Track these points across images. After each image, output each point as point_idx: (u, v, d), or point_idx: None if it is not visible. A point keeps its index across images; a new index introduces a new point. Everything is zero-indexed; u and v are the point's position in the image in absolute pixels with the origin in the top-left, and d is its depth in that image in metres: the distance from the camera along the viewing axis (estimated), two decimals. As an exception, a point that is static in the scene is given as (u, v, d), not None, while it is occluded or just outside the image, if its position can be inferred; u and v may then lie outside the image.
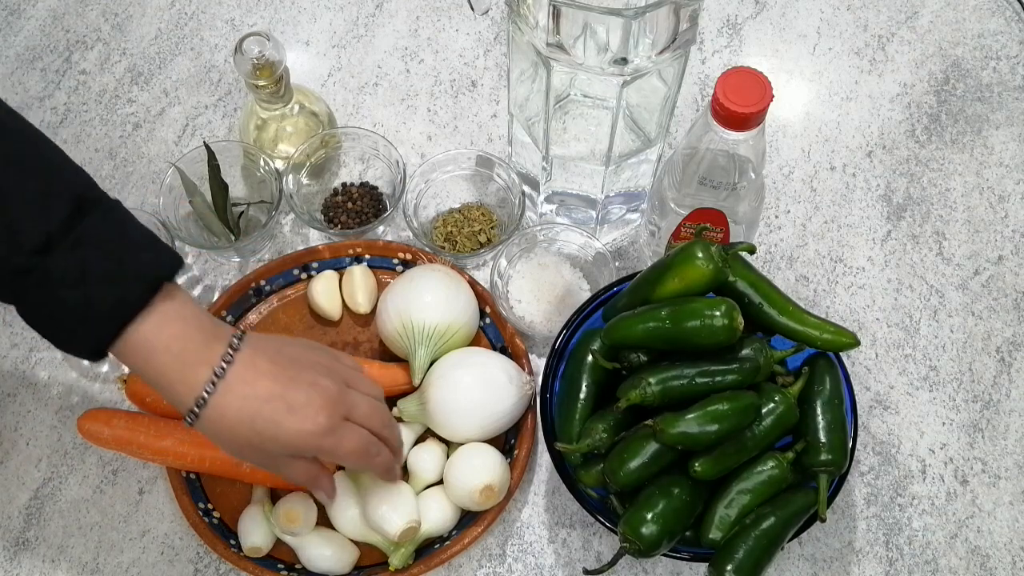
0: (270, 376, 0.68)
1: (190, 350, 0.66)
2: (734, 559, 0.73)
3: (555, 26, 0.72)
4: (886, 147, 1.03)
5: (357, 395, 0.73)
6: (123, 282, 0.64)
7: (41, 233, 0.62)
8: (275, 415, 0.67)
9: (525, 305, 0.92)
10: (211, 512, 0.85)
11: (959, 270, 0.97)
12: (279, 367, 0.69)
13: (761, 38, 1.09)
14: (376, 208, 0.98)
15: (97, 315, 0.64)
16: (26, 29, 1.09)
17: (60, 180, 0.65)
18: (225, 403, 0.67)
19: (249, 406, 0.67)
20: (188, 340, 0.66)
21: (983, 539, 0.86)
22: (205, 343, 0.67)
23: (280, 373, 0.68)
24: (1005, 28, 1.09)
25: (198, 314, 0.68)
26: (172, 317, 0.66)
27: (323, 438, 0.69)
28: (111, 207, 0.67)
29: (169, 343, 0.66)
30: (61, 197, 0.64)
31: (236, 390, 0.67)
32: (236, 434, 0.68)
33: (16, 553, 0.86)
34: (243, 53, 0.90)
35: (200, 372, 0.66)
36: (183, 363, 0.66)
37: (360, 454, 0.72)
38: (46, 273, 0.63)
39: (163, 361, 0.66)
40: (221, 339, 0.68)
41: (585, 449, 0.77)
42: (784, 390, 0.77)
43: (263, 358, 0.68)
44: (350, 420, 0.71)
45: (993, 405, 0.91)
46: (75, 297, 0.63)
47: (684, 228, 0.85)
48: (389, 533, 0.79)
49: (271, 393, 0.67)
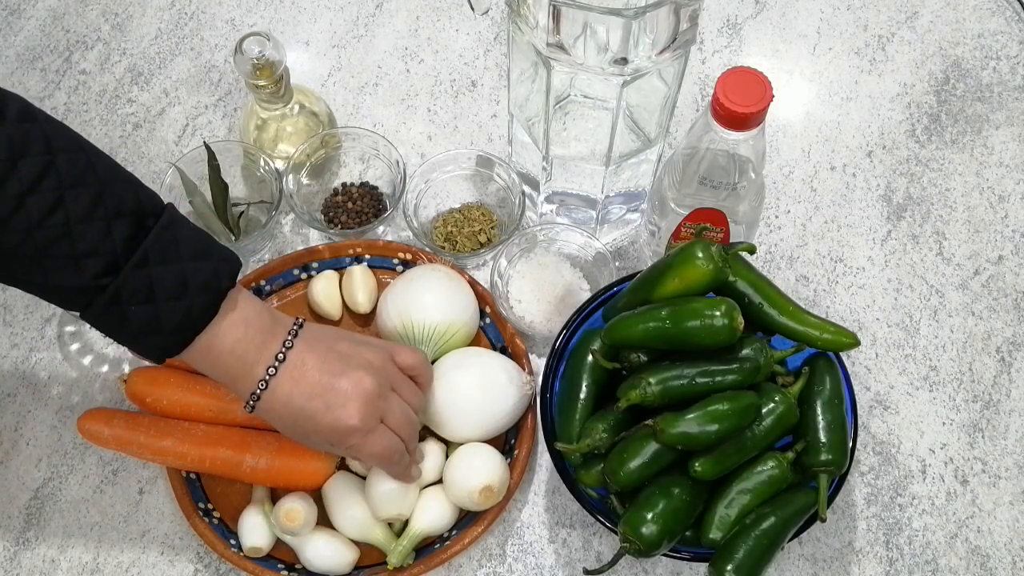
0: (316, 373, 0.73)
1: (251, 350, 0.72)
2: (734, 559, 0.73)
3: (555, 26, 0.72)
4: (886, 147, 1.03)
5: (395, 400, 0.77)
6: (188, 298, 0.69)
7: (108, 255, 0.66)
8: (315, 412, 0.73)
9: (525, 305, 0.92)
10: (211, 512, 0.85)
11: (959, 270, 0.97)
12: (326, 364, 0.74)
13: (761, 38, 1.09)
14: (376, 208, 0.98)
15: (166, 328, 0.69)
16: (26, 29, 1.09)
17: (118, 198, 0.67)
18: (275, 397, 0.73)
19: (294, 401, 0.73)
20: (249, 342, 0.72)
21: (983, 539, 0.86)
22: (264, 343, 0.72)
23: (326, 369, 0.73)
24: (1005, 28, 1.09)
25: (259, 313, 0.73)
26: (235, 322, 0.71)
27: (352, 437, 0.74)
28: (169, 221, 0.70)
29: (233, 346, 0.71)
30: (122, 215, 0.67)
31: (284, 387, 0.73)
32: (285, 423, 0.75)
33: (16, 553, 0.86)
34: (243, 53, 0.90)
35: (257, 370, 0.72)
36: (244, 362, 0.72)
37: (383, 458, 0.77)
38: (116, 292, 0.67)
39: (227, 363, 0.72)
40: (278, 336, 0.73)
41: (585, 449, 0.77)
42: (784, 390, 0.77)
43: (312, 355, 0.74)
44: (384, 423, 0.76)
45: (993, 405, 0.91)
46: (143, 312, 0.68)
47: (684, 228, 0.85)
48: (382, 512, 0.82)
49: (314, 391, 0.73)
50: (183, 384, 0.85)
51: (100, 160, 0.68)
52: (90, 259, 0.65)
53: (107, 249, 0.66)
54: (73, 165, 0.65)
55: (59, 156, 0.65)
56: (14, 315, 0.95)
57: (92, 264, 0.66)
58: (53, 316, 0.95)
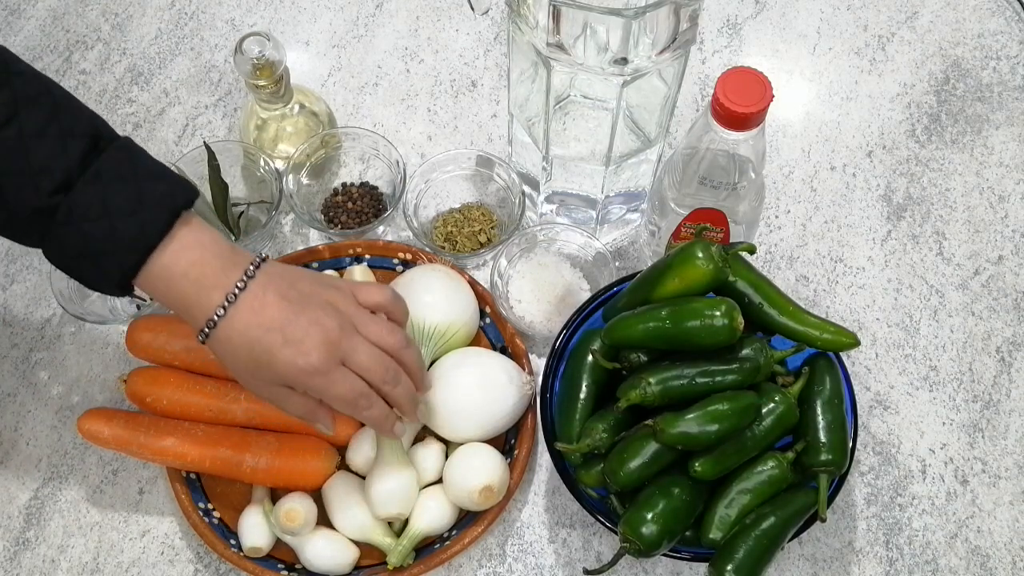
0: (276, 307, 0.70)
1: (207, 274, 0.69)
2: (734, 559, 0.73)
3: (555, 26, 0.72)
4: (886, 147, 1.03)
5: (360, 342, 0.73)
6: (143, 213, 0.67)
7: (62, 171, 0.66)
8: (271, 346, 0.70)
9: (525, 305, 0.92)
10: (211, 512, 0.85)
11: (959, 270, 0.97)
12: (287, 300, 0.71)
13: (761, 38, 1.09)
14: (376, 208, 0.98)
15: (121, 246, 0.67)
16: (26, 29, 1.09)
17: (73, 119, 0.68)
18: (231, 327, 0.70)
19: (251, 333, 0.70)
20: (206, 265, 0.69)
21: (983, 539, 0.86)
22: (222, 268, 0.70)
23: (286, 306, 0.70)
24: (1005, 28, 1.09)
25: (216, 240, 0.71)
26: (191, 244, 0.69)
27: (312, 377, 0.71)
28: (125, 143, 0.69)
29: (188, 269, 0.69)
30: (76, 135, 0.67)
31: (242, 317, 0.69)
32: (238, 358, 0.71)
33: (16, 553, 0.86)
34: (243, 53, 0.90)
35: (214, 296, 0.69)
36: (200, 287, 0.69)
37: (348, 402, 0.73)
38: (69, 210, 0.66)
39: (182, 286, 0.69)
40: (239, 265, 0.70)
41: (585, 449, 0.77)
42: (784, 390, 0.77)
43: (273, 289, 0.71)
44: (347, 365, 0.72)
45: (993, 405, 0.91)
46: (99, 230, 0.66)
47: (684, 228, 0.85)
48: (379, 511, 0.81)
49: (272, 324, 0.70)
50: (183, 384, 0.85)
51: (58, 88, 0.69)
52: (44, 176, 0.65)
53: (61, 165, 0.66)
54: (29, 85, 0.66)
55: (16, 78, 0.66)
56: (14, 315, 0.95)
57: (47, 181, 0.65)
58: (53, 316, 0.95)
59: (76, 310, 0.89)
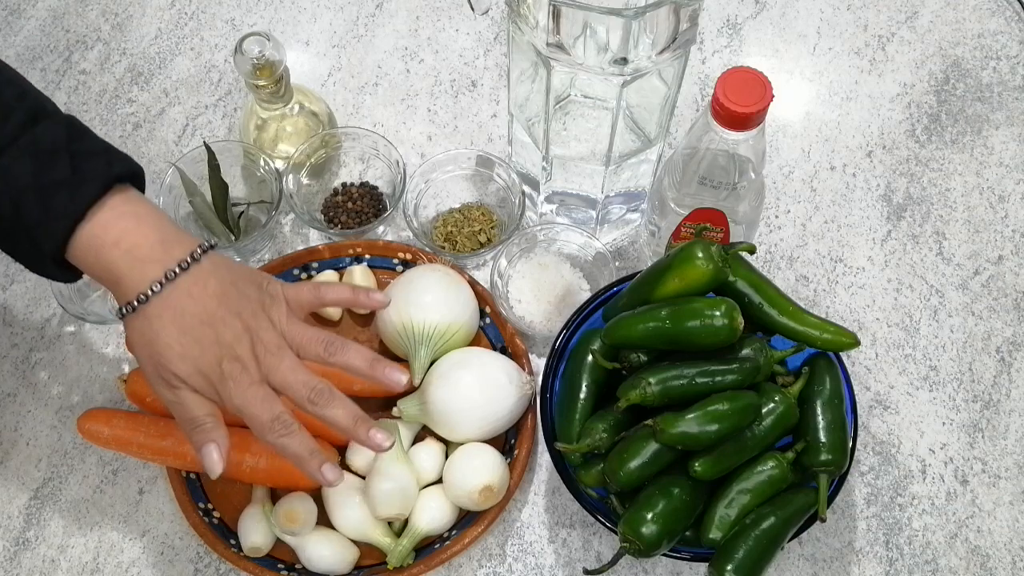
0: (215, 300, 0.66)
1: (143, 246, 0.66)
2: (734, 559, 0.73)
3: (555, 26, 0.72)
4: (886, 147, 1.03)
5: (284, 358, 0.68)
6: (76, 185, 0.65)
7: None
8: (202, 340, 0.66)
9: (525, 305, 0.92)
10: (211, 512, 0.85)
11: (959, 270, 0.97)
12: (226, 297, 0.67)
13: (761, 38, 1.09)
14: (376, 208, 0.98)
15: (52, 215, 0.64)
16: (26, 29, 1.09)
17: (18, 93, 0.67)
18: (163, 305, 0.65)
19: (183, 320, 0.65)
20: (141, 237, 0.66)
21: (983, 539, 0.86)
22: (162, 243, 0.66)
23: (225, 302, 0.66)
24: (1005, 28, 1.09)
25: (158, 217, 0.67)
26: (124, 213, 0.66)
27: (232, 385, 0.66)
28: (66, 120, 0.68)
29: (120, 237, 0.65)
30: (16, 109, 0.66)
31: (179, 299, 0.66)
32: (157, 341, 0.66)
33: (16, 553, 0.86)
34: (243, 53, 0.90)
35: (151, 270, 0.65)
36: (133, 258, 0.65)
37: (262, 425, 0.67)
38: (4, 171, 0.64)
39: (112, 256, 0.65)
40: (184, 245, 0.67)
41: (585, 449, 0.77)
42: (784, 390, 0.77)
43: (217, 280, 0.67)
44: (270, 383, 0.67)
45: (993, 405, 0.91)
46: (30, 201, 0.64)
47: (684, 228, 0.85)
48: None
49: (206, 317, 0.66)
50: (183, 384, 0.85)
51: (8, 68, 0.69)
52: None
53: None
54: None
55: None
56: (14, 315, 0.95)
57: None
58: (53, 316, 0.95)
59: (76, 310, 0.89)
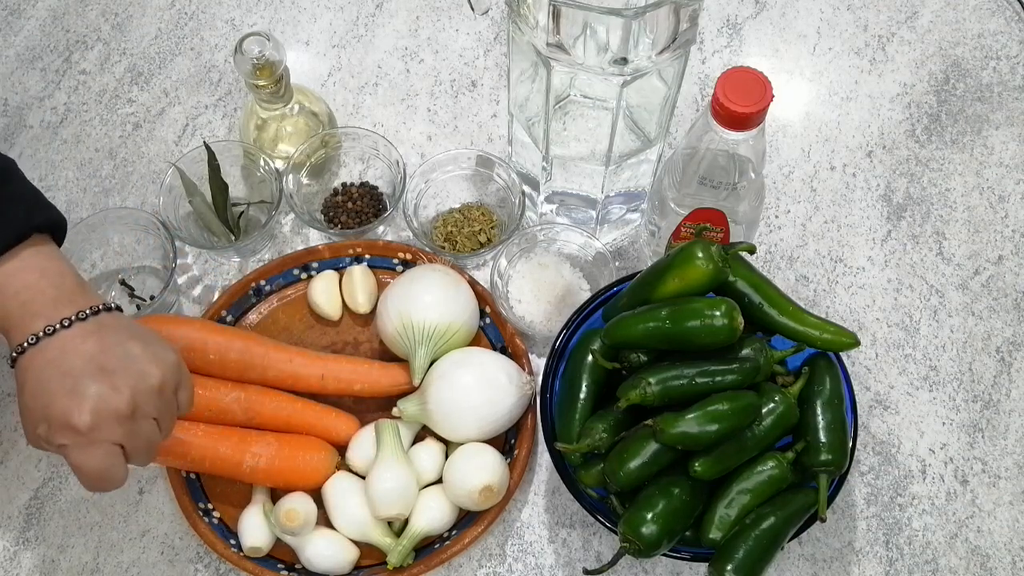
0: (84, 358, 0.67)
1: (37, 301, 0.68)
2: (734, 559, 0.73)
3: (555, 26, 0.72)
4: (886, 147, 1.03)
5: (148, 428, 0.68)
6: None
7: None
8: (55, 391, 0.66)
9: (525, 305, 0.92)
10: (211, 512, 0.85)
11: (959, 270, 0.97)
12: (102, 357, 0.67)
13: (761, 38, 1.09)
14: (376, 208, 0.98)
15: None
16: (26, 29, 1.09)
17: None
18: (34, 358, 0.67)
19: (46, 371, 0.67)
20: (38, 292, 0.68)
21: (983, 539, 0.86)
22: (55, 300, 0.68)
23: (96, 363, 0.67)
24: (1005, 28, 1.09)
25: (63, 274, 0.70)
26: (31, 267, 0.69)
27: (67, 434, 0.66)
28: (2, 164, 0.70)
29: (20, 289, 0.68)
30: None
31: (48, 353, 0.67)
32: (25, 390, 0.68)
33: (16, 553, 0.86)
34: (243, 53, 0.90)
35: (35, 323, 0.68)
36: (25, 311, 0.68)
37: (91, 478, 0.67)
38: None
39: (9, 305, 0.68)
40: (75, 304, 0.69)
41: (585, 449, 0.77)
42: (784, 390, 0.77)
43: (96, 341, 0.68)
44: (121, 445, 0.67)
45: (993, 405, 0.91)
46: None
47: (684, 228, 0.85)
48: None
49: (69, 371, 0.66)
50: (183, 384, 0.85)
51: None
52: None
53: None
54: None
55: None
56: (14, 315, 0.95)
57: None
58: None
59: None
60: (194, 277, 0.97)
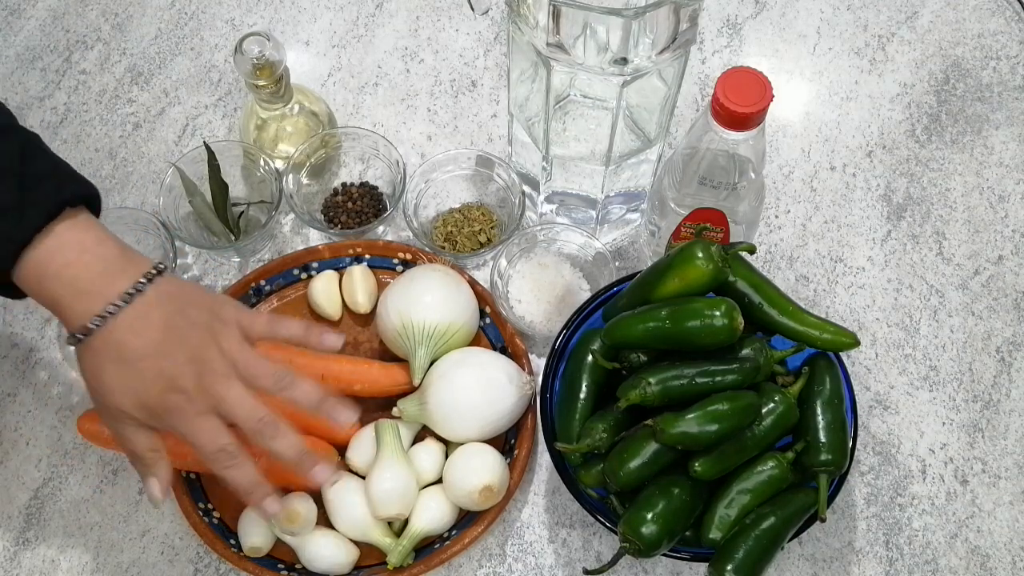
0: (158, 332, 0.66)
1: (83, 278, 0.65)
2: (734, 559, 0.73)
3: (555, 26, 0.72)
4: (886, 147, 1.03)
5: (232, 387, 0.67)
6: (21, 208, 0.64)
7: None
8: (144, 374, 0.65)
9: (525, 305, 0.92)
10: (211, 512, 0.85)
11: (959, 270, 0.97)
12: (171, 327, 0.66)
13: (761, 38, 1.09)
14: (376, 208, 0.98)
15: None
16: (26, 29, 1.09)
17: None
18: (104, 341, 0.65)
19: (124, 355, 0.65)
20: (83, 268, 0.65)
21: (983, 539, 0.86)
22: (105, 274, 0.66)
23: (168, 334, 0.66)
24: (1005, 28, 1.09)
25: (103, 245, 0.67)
26: (68, 242, 0.66)
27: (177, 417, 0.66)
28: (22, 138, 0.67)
29: (60, 270, 0.65)
30: None
31: (119, 334, 0.65)
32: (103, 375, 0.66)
33: (16, 553, 0.86)
34: (243, 53, 0.90)
35: (92, 303, 0.65)
36: (75, 290, 0.65)
37: (208, 455, 0.68)
38: None
39: (54, 286, 0.65)
40: (128, 274, 0.66)
41: (585, 449, 0.77)
42: (784, 390, 0.77)
43: (161, 311, 0.66)
44: (219, 412, 0.68)
45: (993, 405, 0.91)
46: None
47: (684, 228, 0.85)
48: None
49: (148, 351, 0.65)
50: (183, 384, 0.85)
51: None
52: None
53: None
54: None
55: None
56: (14, 315, 0.95)
57: None
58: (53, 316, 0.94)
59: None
60: (194, 277, 0.97)
